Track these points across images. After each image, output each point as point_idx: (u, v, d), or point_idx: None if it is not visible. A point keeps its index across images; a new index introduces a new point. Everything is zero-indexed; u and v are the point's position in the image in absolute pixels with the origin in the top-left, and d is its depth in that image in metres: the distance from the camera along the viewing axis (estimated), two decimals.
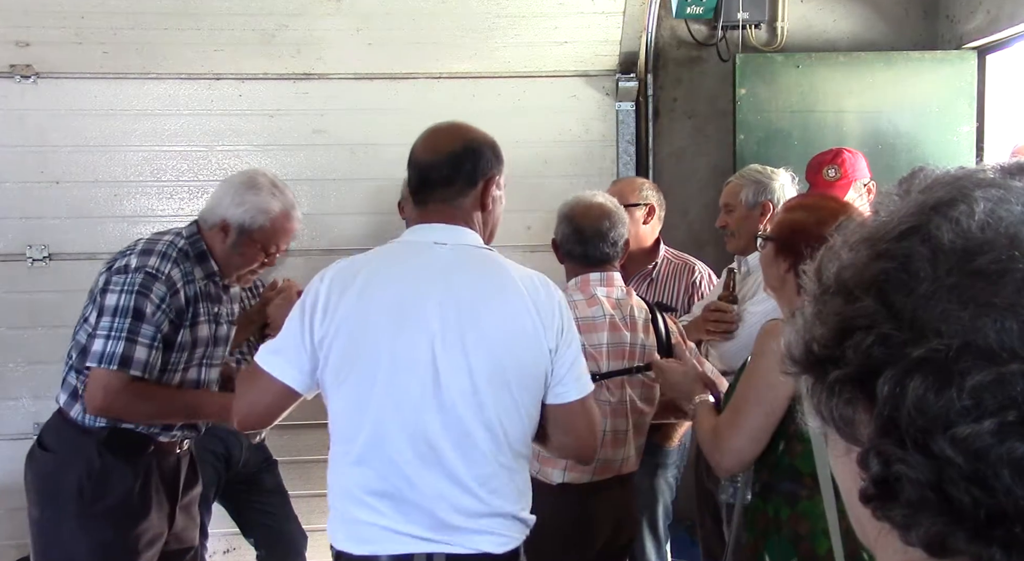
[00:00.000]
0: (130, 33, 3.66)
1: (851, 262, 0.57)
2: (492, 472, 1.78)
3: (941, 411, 0.50)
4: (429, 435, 1.75)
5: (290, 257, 3.90)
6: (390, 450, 1.75)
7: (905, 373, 0.51)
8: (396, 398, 1.75)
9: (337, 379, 1.78)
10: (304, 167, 3.95)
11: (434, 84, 3.92)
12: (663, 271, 3.25)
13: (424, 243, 1.86)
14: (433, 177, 1.89)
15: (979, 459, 0.49)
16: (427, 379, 1.74)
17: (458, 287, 1.79)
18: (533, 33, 3.82)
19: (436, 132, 1.96)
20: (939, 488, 0.51)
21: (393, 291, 1.79)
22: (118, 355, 2.29)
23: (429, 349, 1.74)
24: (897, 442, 0.52)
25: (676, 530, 3.51)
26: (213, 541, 3.56)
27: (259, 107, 3.88)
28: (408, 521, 1.75)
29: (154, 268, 2.36)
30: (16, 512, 2.57)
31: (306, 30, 3.73)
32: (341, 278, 1.81)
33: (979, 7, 3.76)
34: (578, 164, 3.97)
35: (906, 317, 0.52)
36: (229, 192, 2.50)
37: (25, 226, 3.82)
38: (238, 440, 3.27)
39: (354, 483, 1.78)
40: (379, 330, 1.76)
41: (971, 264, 0.51)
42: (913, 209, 0.56)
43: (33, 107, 3.78)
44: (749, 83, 3.82)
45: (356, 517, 1.77)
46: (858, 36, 4.07)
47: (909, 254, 0.54)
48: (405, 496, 1.75)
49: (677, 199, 4.06)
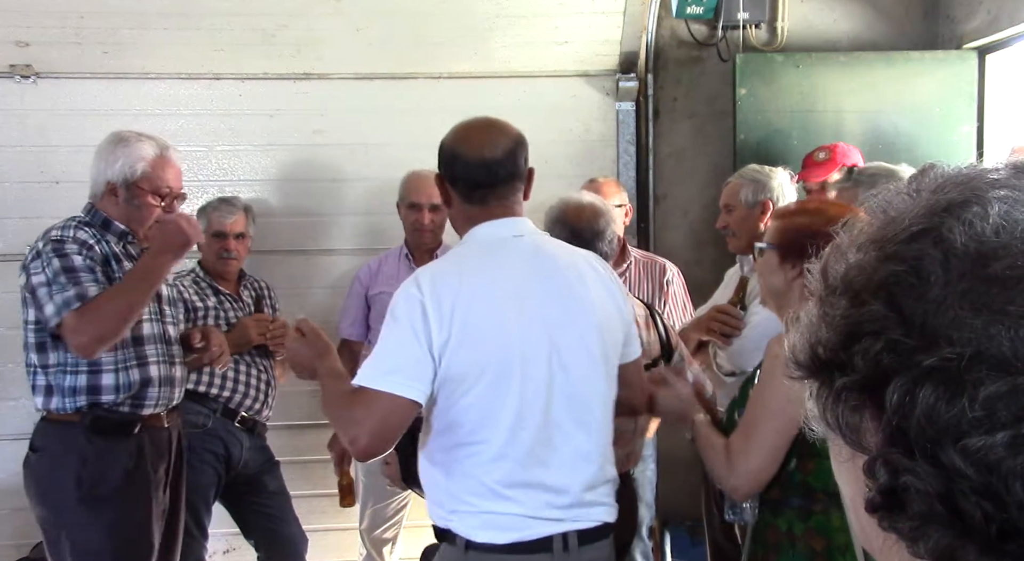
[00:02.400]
0: (130, 33, 3.66)
1: (859, 263, 0.55)
2: (606, 440, 1.94)
3: (952, 421, 0.48)
4: (559, 419, 1.85)
5: (290, 257, 3.91)
6: (530, 441, 1.83)
7: (915, 382, 0.49)
8: (532, 389, 1.83)
9: (467, 381, 1.81)
10: (304, 167, 3.95)
11: (434, 84, 3.91)
12: (634, 272, 3.27)
13: (505, 237, 1.93)
14: (500, 175, 1.93)
15: (991, 472, 0.47)
16: (553, 365, 1.84)
17: (551, 273, 1.90)
18: (533, 33, 3.82)
19: (483, 130, 2.00)
20: (949, 500, 0.49)
21: (503, 287, 1.85)
22: (73, 296, 2.35)
23: (548, 336, 1.84)
24: (906, 452, 0.50)
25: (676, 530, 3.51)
26: (213, 541, 3.56)
27: (259, 107, 3.88)
28: (547, 506, 1.84)
29: (58, 236, 2.44)
30: (16, 512, 2.58)
31: (306, 30, 3.73)
32: (443, 284, 1.82)
33: (979, 7, 3.76)
34: (578, 164, 3.97)
35: (916, 322, 0.50)
36: (101, 157, 2.55)
37: (25, 226, 3.81)
38: (238, 440, 3.27)
39: (493, 479, 1.83)
40: (505, 327, 1.82)
41: (985, 269, 0.49)
42: (924, 210, 0.54)
43: (33, 107, 3.78)
44: (749, 83, 3.82)
45: (494, 509, 1.83)
46: (858, 36, 4.07)
47: (920, 257, 0.52)
48: (544, 483, 1.84)
49: (677, 199, 4.06)
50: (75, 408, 2.45)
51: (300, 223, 3.95)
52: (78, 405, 2.45)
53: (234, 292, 3.42)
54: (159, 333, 2.58)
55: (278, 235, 3.88)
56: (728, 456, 1.91)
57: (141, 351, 2.52)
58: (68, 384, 2.45)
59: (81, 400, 2.45)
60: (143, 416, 2.51)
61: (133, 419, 2.50)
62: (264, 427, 3.40)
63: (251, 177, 3.93)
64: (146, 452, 2.53)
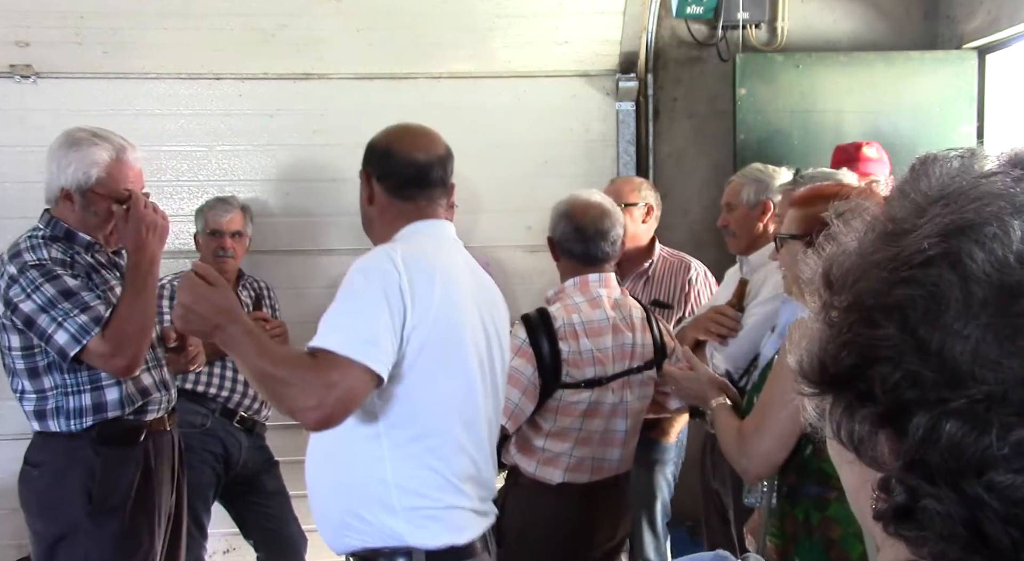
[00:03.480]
0: (130, 33, 3.65)
1: (868, 278, 0.53)
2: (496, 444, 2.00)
3: (977, 457, 0.47)
4: (490, 420, 1.93)
5: (290, 257, 3.91)
6: (479, 436, 1.89)
7: (941, 417, 0.48)
8: (479, 384, 1.89)
9: (428, 372, 1.75)
10: (304, 167, 3.94)
11: (434, 84, 3.91)
12: (659, 269, 3.29)
13: (450, 237, 1.97)
14: (432, 176, 1.95)
15: (1016, 505, 0.47)
16: (486, 367, 1.91)
17: (480, 278, 1.98)
18: (533, 33, 3.82)
19: (418, 134, 2.01)
20: (973, 525, 0.49)
21: (461, 286, 1.88)
22: (89, 321, 2.27)
23: (485, 340, 1.91)
24: (926, 478, 0.50)
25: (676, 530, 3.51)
26: (213, 541, 3.56)
27: (259, 107, 3.88)
28: (483, 500, 1.91)
29: (34, 259, 2.32)
30: (16, 512, 2.56)
31: (306, 30, 3.73)
32: (420, 269, 1.76)
33: (979, 7, 3.76)
34: (578, 164, 3.97)
35: (934, 351, 0.49)
36: (53, 160, 2.41)
37: (25, 226, 3.79)
38: (237, 440, 3.27)
39: (452, 472, 1.80)
40: (463, 325, 1.85)
41: (1014, 303, 0.47)
42: (939, 229, 0.51)
43: (33, 107, 3.78)
44: (749, 83, 3.82)
45: (452, 503, 1.81)
46: (858, 36, 4.07)
47: (937, 283, 0.50)
48: (482, 477, 1.91)
49: (677, 199, 4.06)
50: (81, 428, 2.38)
51: (300, 223, 3.95)
52: (85, 425, 2.39)
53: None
54: None
55: (277, 235, 3.88)
56: (741, 438, 1.93)
57: None
58: (73, 405, 2.39)
59: (88, 420, 2.38)
60: (148, 422, 2.49)
61: (139, 426, 2.47)
62: (263, 427, 3.40)
63: (251, 177, 3.93)
64: (152, 458, 2.50)
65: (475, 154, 3.90)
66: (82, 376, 2.38)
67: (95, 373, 2.38)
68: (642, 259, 3.30)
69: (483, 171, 3.88)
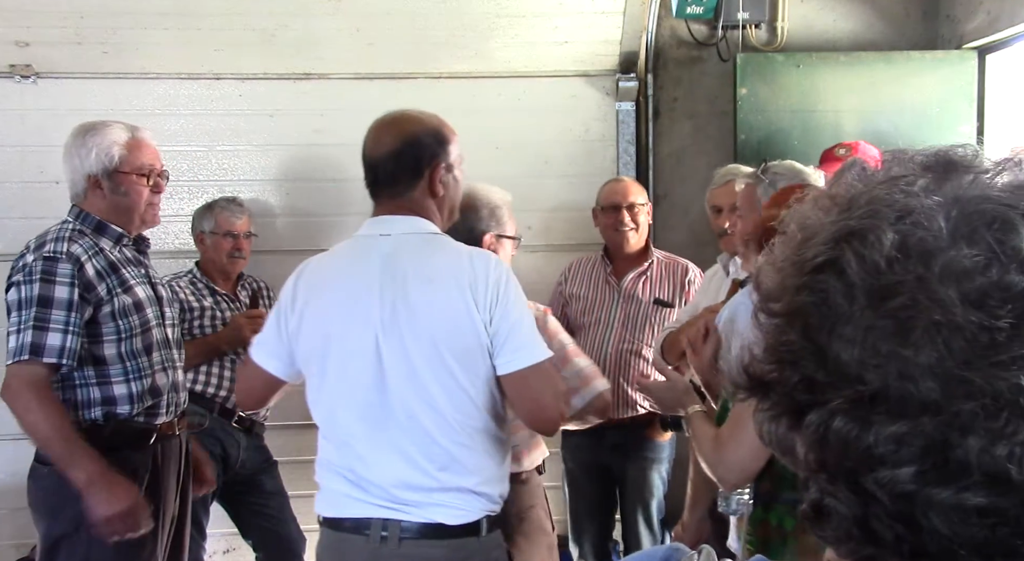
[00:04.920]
0: (130, 33, 3.65)
1: (778, 286, 0.55)
2: (441, 450, 1.87)
3: (864, 455, 0.49)
4: (378, 418, 1.87)
5: (290, 257, 3.89)
6: (343, 432, 1.91)
7: (829, 416, 0.50)
8: (346, 385, 1.89)
9: (306, 367, 1.96)
10: (304, 167, 3.94)
11: (434, 84, 3.91)
12: (655, 271, 3.31)
13: (371, 236, 1.97)
14: (380, 175, 1.98)
15: (904, 501, 0.49)
16: (372, 366, 1.86)
17: (397, 274, 1.89)
18: (533, 33, 3.82)
19: (379, 128, 2.03)
20: (864, 523, 0.51)
21: (341, 284, 1.92)
22: (27, 345, 2.24)
23: (373, 337, 1.86)
24: (829, 477, 0.52)
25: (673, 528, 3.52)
26: (213, 541, 3.56)
27: (259, 107, 3.88)
28: (366, 492, 1.89)
29: (51, 251, 2.33)
30: (16, 512, 2.57)
31: (306, 30, 3.72)
32: (307, 273, 1.99)
33: (979, 7, 3.76)
34: (578, 164, 3.97)
35: (830, 356, 0.51)
36: (73, 153, 2.46)
37: (25, 226, 3.80)
38: (235, 441, 3.27)
39: (324, 456, 1.97)
40: (330, 323, 1.90)
41: (884, 306, 0.49)
42: (830, 236, 0.53)
43: (33, 107, 3.78)
44: (749, 83, 3.82)
45: (327, 485, 1.96)
46: (858, 36, 4.06)
47: (826, 289, 0.52)
48: (359, 472, 1.89)
49: (677, 199, 4.06)
50: (90, 420, 2.38)
51: (300, 223, 3.95)
52: (94, 416, 2.38)
53: (231, 292, 3.42)
54: (163, 338, 2.54)
55: (278, 235, 3.88)
56: (717, 446, 1.91)
57: (150, 360, 2.47)
58: (81, 397, 2.38)
59: (97, 411, 2.38)
60: (158, 426, 2.48)
61: (149, 429, 2.46)
62: (262, 427, 3.40)
63: (251, 177, 3.93)
64: (160, 462, 2.50)
65: (475, 154, 3.88)
66: (88, 370, 2.38)
67: (102, 369, 2.39)
68: (642, 258, 3.33)
69: (483, 171, 3.85)
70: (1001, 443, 0.46)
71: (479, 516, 1.91)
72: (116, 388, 2.40)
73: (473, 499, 1.91)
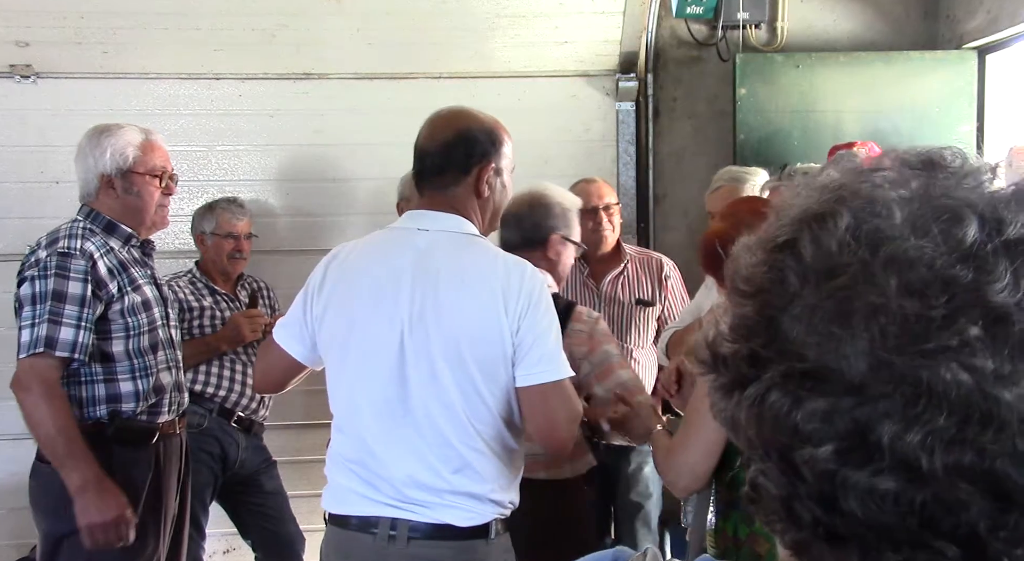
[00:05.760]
0: (130, 33, 3.65)
1: (747, 263, 0.56)
2: (456, 454, 1.83)
3: (792, 431, 0.50)
4: (395, 414, 1.83)
5: (290, 257, 3.91)
6: (359, 425, 1.87)
7: (765, 390, 0.51)
8: (366, 377, 1.85)
9: (326, 354, 1.94)
10: (304, 167, 3.94)
11: (434, 84, 3.91)
12: (631, 269, 3.30)
13: (409, 229, 1.93)
14: (427, 165, 1.94)
15: (825, 481, 0.49)
16: (394, 361, 1.83)
17: (430, 271, 1.85)
18: (533, 33, 3.82)
19: (435, 119, 2.00)
20: (788, 504, 0.51)
21: (372, 274, 1.88)
22: (42, 338, 2.26)
23: (398, 332, 1.83)
24: (763, 453, 0.53)
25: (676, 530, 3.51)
26: (213, 541, 3.56)
27: (259, 107, 3.88)
28: (375, 490, 1.85)
29: (66, 247, 2.35)
30: (16, 512, 2.57)
31: (306, 30, 3.73)
32: (338, 260, 1.96)
33: (979, 7, 3.76)
34: (578, 164, 3.97)
35: (779, 333, 0.51)
36: (87, 154, 2.49)
37: (25, 226, 3.81)
38: (234, 440, 3.27)
39: (336, 449, 1.92)
40: (355, 311, 1.87)
41: (828, 285, 0.50)
42: (794, 217, 0.55)
43: (33, 107, 3.78)
44: (749, 83, 3.82)
45: (336, 480, 1.92)
46: (858, 36, 4.06)
47: (783, 268, 0.53)
48: (371, 467, 1.85)
49: (677, 199, 4.06)
50: (94, 417, 2.39)
51: (300, 223, 3.95)
52: (99, 414, 2.39)
53: (231, 292, 3.42)
54: (167, 338, 2.55)
55: (278, 235, 3.88)
56: (669, 453, 1.90)
57: (155, 358, 2.48)
58: (86, 394, 2.39)
59: (102, 409, 2.39)
60: (160, 424, 2.49)
61: (152, 428, 2.47)
62: (261, 427, 3.40)
63: (251, 177, 3.93)
64: (162, 462, 2.51)
65: None
66: (96, 367, 2.39)
67: (109, 366, 2.40)
68: (617, 260, 3.30)
69: None
70: (914, 430, 0.47)
71: (489, 519, 1.88)
72: (122, 385, 2.41)
73: (484, 504, 1.88)
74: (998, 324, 0.47)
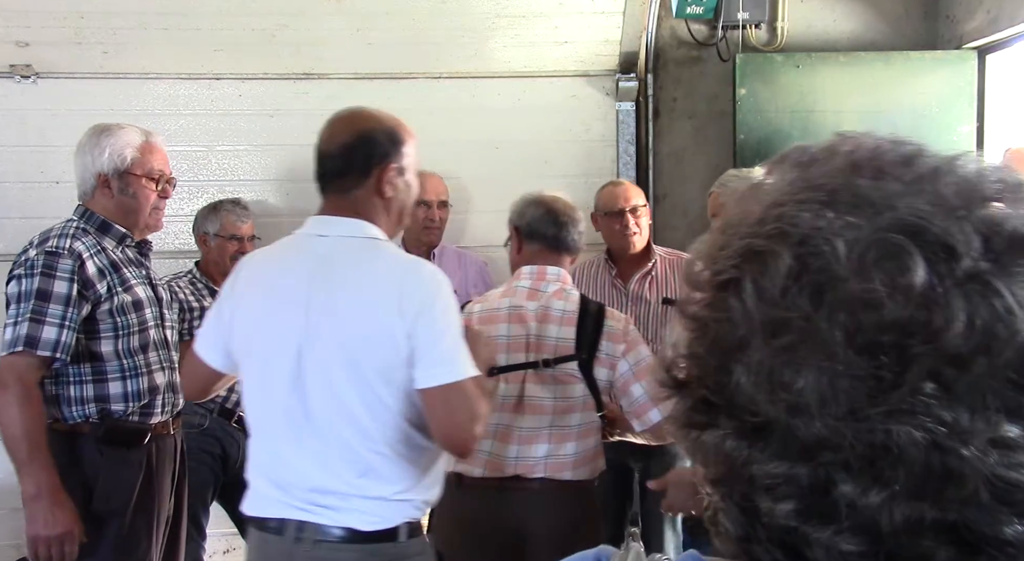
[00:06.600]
0: (130, 33, 3.66)
1: (697, 284, 0.53)
2: (359, 458, 1.82)
3: (751, 482, 0.49)
4: (298, 422, 1.83)
5: None
6: (267, 431, 1.89)
7: (722, 439, 0.50)
8: (267, 387, 1.86)
9: (239, 362, 1.94)
10: (304, 167, 3.90)
11: (434, 84, 3.91)
12: (660, 269, 3.30)
13: (310, 235, 1.94)
14: (328, 168, 1.95)
15: (784, 532, 0.49)
16: (292, 371, 1.81)
17: (327, 279, 1.84)
18: (533, 33, 3.82)
19: (335, 121, 1.99)
20: (747, 544, 0.51)
21: (272, 283, 1.89)
22: (23, 337, 2.25)
23: (295, 341, 1.82)
24: (722, 494, 0.52)
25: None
26: (213, 541, 3.56)
27: (259, 107, 3.88)
28: (286, 493, 1.85)
29: (54, 246, 2.35)
30: (16, 512, 2.56)
31: (306, 30, 3.73)
32: (246, 268, 1.98)
33: (979, 7, 3.76)
34: (578, 164, 3.97)
35: (731, 380, 0.49)
36: (86, 152, 2.49)
37: (25, 226, 3.80)
38: (235, 440, 3.27)
39: (251, 454, 1.94)
40: (255, 323, 1.88)
41: (773, 343, 0.48)
42: (735, 252, 0.51)
43: (33, 107, 3.78)
44: (749, 83, 3.82)
45: (253, 484, 1.93)
46: (858, 36, 4.06)
47: (728, 308, 0.50)
48: (279, 472, 1.87)
49: (677, 199, 4.06)
50: (84, 416, 2.38)
51: (300, 223, 3.90)
52: (87, 413, 2.38)
53: None
54: (160, 339, 2.54)
55: (278, 235, 3.80)
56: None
57: (147, 359, 2.47)
58: (75, 394, 2.38)
59: (91, 408, 2.38)
60: (152, 425, 2.48)
61: (143, 429, 2.46)
62: None
63: (251, 177, 3.93)
64: (154, 463, 2.49)
65: (475, 154, 3.91)
66: (84, 367, 2.38)
67: (98, 365, 2.39)
68: (645, 260, 3.33)
69: (482, 171, 3.88)
70: (873, 491, 0.46)
71: (397, 522, 1.86)
72: (111, 386, 2.40)
73: (392, 506, 1.85)
74: (954, 373, 0.44)
